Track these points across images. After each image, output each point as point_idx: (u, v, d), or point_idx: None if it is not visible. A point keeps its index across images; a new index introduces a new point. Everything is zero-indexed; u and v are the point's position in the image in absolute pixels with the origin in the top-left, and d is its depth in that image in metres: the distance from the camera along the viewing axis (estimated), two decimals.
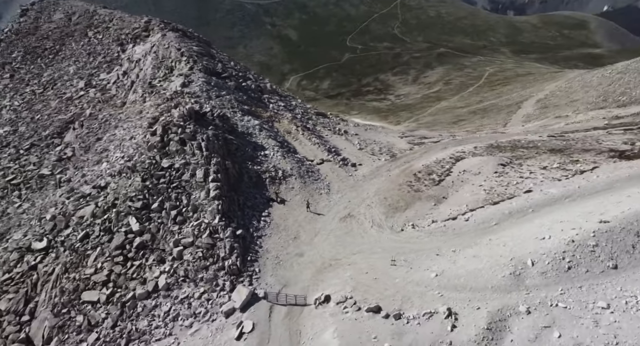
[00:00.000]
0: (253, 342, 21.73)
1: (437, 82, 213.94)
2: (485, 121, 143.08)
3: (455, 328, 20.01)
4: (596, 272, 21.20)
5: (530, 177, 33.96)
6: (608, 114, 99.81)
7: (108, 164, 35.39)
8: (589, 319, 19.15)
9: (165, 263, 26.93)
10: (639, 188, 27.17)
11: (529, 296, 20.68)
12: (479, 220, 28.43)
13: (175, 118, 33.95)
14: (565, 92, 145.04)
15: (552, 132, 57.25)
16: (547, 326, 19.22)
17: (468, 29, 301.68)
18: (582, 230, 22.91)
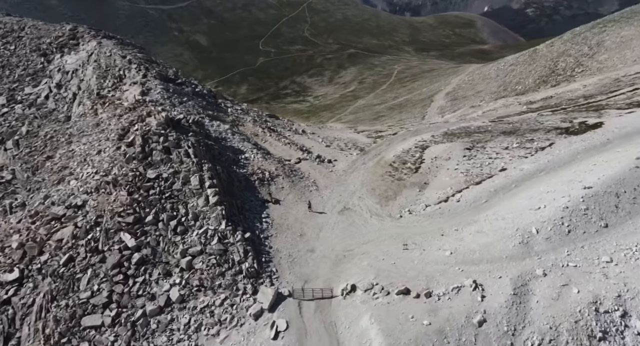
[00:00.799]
0: (291, 339, 21.52)
1: (352, 81, 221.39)
2: (403, 115, 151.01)
3: (485, 298, 21.30)
4: (592, 232, 23.62)
5: (498, 157, 36.63)
6: (518, 100, 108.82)
7: (78, 182, 32.74)
8: (598, 273, 21.34)
9: (173, 276, 25.67)
10: (600, 157, 30.50)
11: (541, 261, 22.55)
12: (469, 200, 30.26)
13: (154, 127, 32.29)
14: (469, 84, 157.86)
15: (492, 118, 61.72)
16: (565, 285, 21.13)
17: (374, 30, 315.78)
18: (571, 197, 25.36)
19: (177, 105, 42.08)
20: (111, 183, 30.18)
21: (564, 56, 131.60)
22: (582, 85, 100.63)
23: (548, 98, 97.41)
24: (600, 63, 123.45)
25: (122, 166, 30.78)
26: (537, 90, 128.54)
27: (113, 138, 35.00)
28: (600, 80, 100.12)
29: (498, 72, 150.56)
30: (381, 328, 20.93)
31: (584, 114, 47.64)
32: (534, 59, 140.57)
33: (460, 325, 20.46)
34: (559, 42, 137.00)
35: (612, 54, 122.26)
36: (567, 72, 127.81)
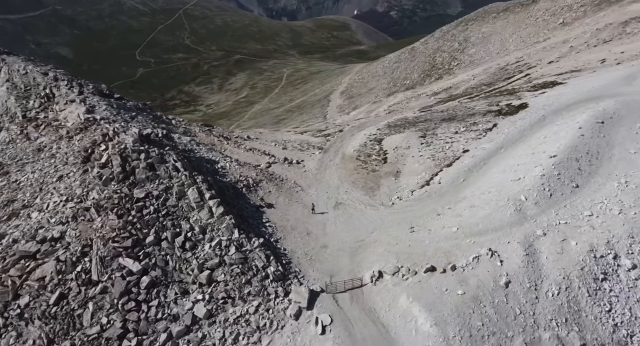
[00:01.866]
0: (339, 331, 21.76)
1: (243, 87, 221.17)
2: (305, 116, 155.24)
3: (503, 262, 23.53)
4: (568, 193, 27.15)
5: (454, 141, 39.92)
6: (419, 93, 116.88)
7: (44, 213, 29.24)
8: (586, 226, 24.71)
9: (192, 293, 24.37)
10: (546, 131, 34.91)
11: (537, 223, 25.44)
12: (449, 180, 32.75)
13: (130, 145, 29.97)
14: (360, 82, 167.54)
15: (421, 108, 66.31)
16: (564, 240, 24.15)
17: (256, 35, 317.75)
18: (543, 165, 28.84)
19: (131, 121, 39.25)
20: (92, 209, 27.57)
21: (439, 52, 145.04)
22: (471, 76, 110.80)
23: (448, 89, 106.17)
24: (470, 56, 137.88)
25: (102, 189, 28.23)
26: (423, 83, 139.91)
27: (74, 162, 31.82)
28: (485, 70, 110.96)
29: (385, 69, 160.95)
30: (422, 304, 22.12)
31: (502, 98, 53.42)
32: (414, 55, 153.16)
33: (491, 289, 22.41)
34: (432, 40, 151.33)
35: (478, 48, 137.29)
36: (446, 66, 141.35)
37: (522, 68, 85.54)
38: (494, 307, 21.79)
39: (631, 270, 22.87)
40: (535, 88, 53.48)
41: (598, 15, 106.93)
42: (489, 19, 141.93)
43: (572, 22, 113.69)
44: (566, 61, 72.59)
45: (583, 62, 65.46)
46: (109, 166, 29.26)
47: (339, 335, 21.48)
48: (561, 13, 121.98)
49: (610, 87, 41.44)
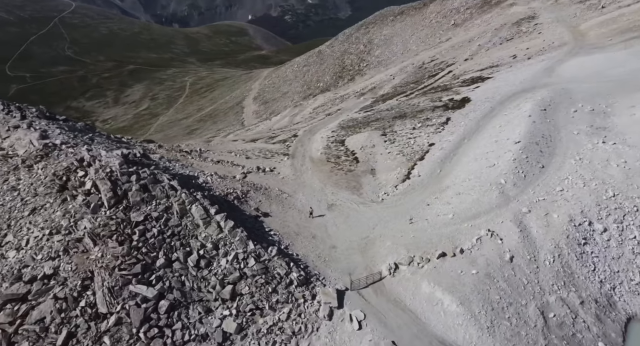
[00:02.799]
0: (375, 324, 22.46)
1: (143, 99, 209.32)
2: (220, 125, 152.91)
3: (503, 240, 25.86)
4: (537, 173, 30.39)
5: (416, 136, 42.37)
6: (344, 94, 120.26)
7: (26, 250, 26.30)
8: (561, 199, 27.90)
9: (216, 310, 23.61)
10: (499, 121, 38.49)
11: (520, 202, 28.22)
12: (428, 173, 34.84)
13: (117, 168, 27.94)
14: (272, 87, 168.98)
15: (362, 109, 68.80)
16: (547, 214, 27.11)
17: (149, 43, 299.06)
18: (511, 151, 31.94)
19: (92, 143, 36.34)
20: (86, 239, 25.46)
21: (347, 54, 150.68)
22: (390, 75, 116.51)
23: (373, 89, 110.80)
24: (377, 57, 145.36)
25: (95, 217, 26.14)
26: (337, 84, 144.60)
27: (47, 192, 28.95)
28: (402, 69, 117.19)
29: (295, 73, 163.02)
30: (444, 288, 23.62)
31: (440, 94, 57.46)
32: (322, 59, 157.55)
33: (499, 265, 24.56)
34: (338, 43, 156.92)
35: (383, 49, 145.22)
36: (355, 67, 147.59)
37: (442, 66, 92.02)
38: (505, 281, 23.91)
39: (603, 233, 26.34)
40: (467, 84, 58.20)
41: (484, 16, 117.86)
42: (387, 21, 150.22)
43: (463, 23, 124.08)
44: (480, 58, 79.52)
45: (497, 58, 72.30)
46: (95, 192, 27.14)
47: (375, 328, 22.20)
48: (451, 15, 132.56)
49: (536, 79, 46.60)
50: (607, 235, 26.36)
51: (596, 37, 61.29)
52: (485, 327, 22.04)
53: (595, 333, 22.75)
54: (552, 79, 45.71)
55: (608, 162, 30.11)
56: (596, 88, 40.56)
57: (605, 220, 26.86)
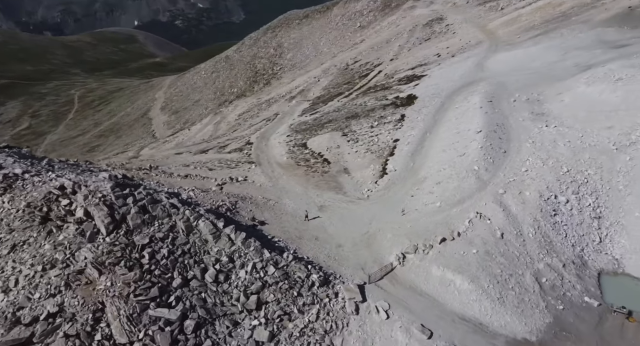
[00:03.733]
0: (400, 311, 23.48)
1: (21, 117, 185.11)
2: (127, 139, 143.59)
3: (490, 220, 28.35)
4: (502, 157, 33.58)
5: (378, 134, 44.25)
6: (269, 98, 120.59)
7: (17, 291, 23.52)
8: (528, 179, 31.14)
9: (244, 321, 23.15)
10: (453, 113, 41.64)
11: (495, 184, 31.03)
12: (402, 167, 36.70)
13: (110, 192, 25.84)
14: (180, 96, 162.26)
15: (308, 111, 69.68)
16: (520, 192, 30.16)
17: (19, 54, 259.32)
18: (476, 140, 34.87)
19: (55, 170, 33.07)
20: (88, 269, 23.52)
21: (257, 58, 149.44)
22: (314, 77, 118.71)
23: (302, 91, 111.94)
24: (290, 60, 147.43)
25: (96, 245, 24.15)
26: (253, 89, 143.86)
27: (27, 226, 26.07)
28: (325, 71, 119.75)
29: (204, 80, 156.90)
30: (452, 270, 25.44)
31: (383, 93, 60.31)
32: (232, 64, 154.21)
33: (494, 243, 26.96)
34: (245, 48, 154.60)
35: (294, 52, 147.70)
36: (269, 71, 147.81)
37: (369, 66, 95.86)
38: (502, 255, 26.33)
39: (566, 204, 29.98)
40: (405, 82, 61.68)
41: (389, 19, 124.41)
42: (294, 25, 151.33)
43: (368, 25, 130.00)
44: (405, 58, 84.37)
45: (422, 57, 77.33)
46: (88, 220, 25.03)
47: (402, 314, 23.30)
48: (355, 17, 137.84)
49: (472, 74, 50.96)
50: (569, 206, 30.02)
51: (506, 35, 68.20)
52: (496, 299, 24.16)
53: (580, 290, 25.94)
54: (485, 73, 50.29)
55: (556, 143, 34.15)
56: (524, 80, 45.46)
57: (565, 192, 30.56)
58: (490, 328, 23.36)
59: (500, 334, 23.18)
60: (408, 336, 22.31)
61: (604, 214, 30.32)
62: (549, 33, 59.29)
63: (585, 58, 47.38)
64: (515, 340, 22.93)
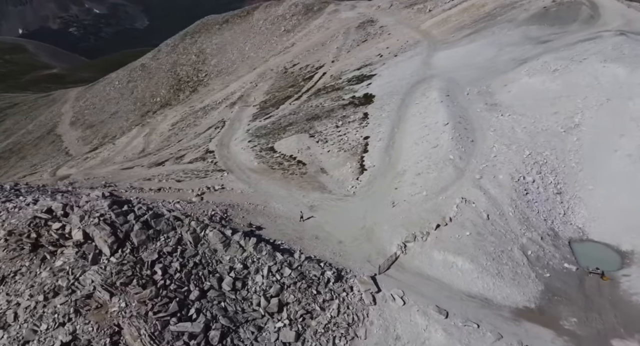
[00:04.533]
0: (414, 297, 24.36)
1: None
2: (34, 159, 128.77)
3: (475, 203, 30.45)
4: (471, 146, 36.07)
5: (345, 133, 45.29)
6: (205, 106, 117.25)
7: (21, 325, 21.29)
8: (498, 163, 33.83)
9: (267, 325, 22.95)
10: (417, 108, 43.82)
11: (471, 171, 33.31)
12: (379, 162, 37.98)
13: (108, 210, 24.12)
14: (93, 109, 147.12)
15: (261, 116, 69.12)
16: (494, 176, 32.69)
17: None
18: (446, 131, 37.09)
19: (24, 194, 30.16)
20: (98, 292, 22.04)
21: (179, 66, 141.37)
22: (250, 82, 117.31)
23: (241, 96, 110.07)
24: (215, 66, 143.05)
25: (102, 267, 22.58)
26: (178, 98, 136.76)
27: (16, 255, 23.73)
28: (261, 75, 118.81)
29: (120, 91, 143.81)
30: (452, 252, 27.08)
31: (337, 93, 61.63)
32: (150, 73, 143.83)
33: (482, 224, 29.05)
34: (163, 55, 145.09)
35: (219, 58, 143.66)
36: (194, 78, 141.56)
37: (310, 69, 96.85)
38: (492, 235, 28.47)
39: (533, 183, 33.06)
40: (355, 82, 63.49)
41: (314, 22, 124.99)
42: (214, 30, 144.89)
43: (293, 29, 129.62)
44: (347, 59, 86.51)
45: (364, 57, 79.86)
46: (88, 242, 23.34)
47: (417, 299, 24.41)
48: (279, 22, 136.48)
49: (422, 72, 53.87)
50: (536, 184, 33.11)
51: (440, 35, 72.71)
52: (495, 274, 26.13)
53: (559, 258, 28.78)
54: (433, 70, 53.40)
55: (514, 129, 37.38)
56: (471, 75, 49.00)
57: (531, 172, 33.66)
58: (495, 301, 25.22)
59: (504, 305, 25.12)
60: (427, 319, 23.43)
61: (563, 189, 33.77)
62: (480, 31, 64.19)
63: (519, 53, 52.04)
64: (518, 309, 24.98)
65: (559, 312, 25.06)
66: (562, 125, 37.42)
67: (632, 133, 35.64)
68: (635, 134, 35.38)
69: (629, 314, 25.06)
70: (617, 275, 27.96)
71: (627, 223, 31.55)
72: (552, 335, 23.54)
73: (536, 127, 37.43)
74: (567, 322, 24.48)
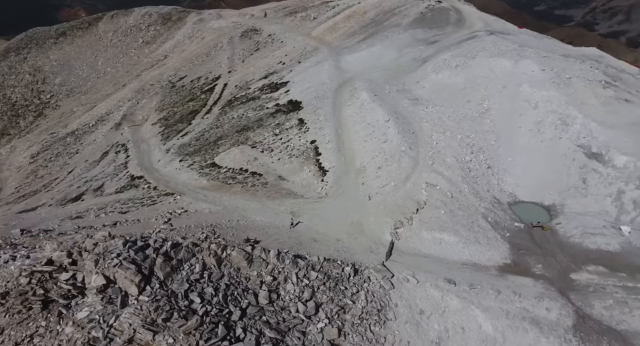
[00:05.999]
0: (423, 274, 26.98)
1: None
2: None
3: (438, 185, 34.58)
4: (414, 137, 40.33)
5: (288, 140, 46.33)
6: (75, 129, 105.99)
7: None
8: (442, 148, 38.66)
9: (309, 328, 23.63)
10: (352, 109, 46.98)
11: (423, 157, 37.52)
12: (336, 163, 39.74)
13: (122, 247, 21.71)
14: None
15: (174, 134, 65.70)
16: (443, 160, 37.38)
17: None
18: (390, 127, 40.79)
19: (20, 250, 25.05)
20: (139, 333, 20.34)
21: (7, 88, 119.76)
22: (128, 100, 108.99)
23: (125, 116, 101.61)
24: (62, 85, 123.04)
25: (138, 306, 20.66)
26: (17, 125, 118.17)
27: (23, 318, 20.29)
28: (139, 92, 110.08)
29: None
30: (437, 230, 30.65)
31: (256, 103, 61.97)
32: None
33: (450, 202, 33.28)
34: None
35: (65, 75, 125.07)
36: (35, 100, 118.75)
37: (204, 81, 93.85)
38: (459, 209, 32.86)
39: (471, 162, 38.59)
40: (270, 90, 64.43)
41: (179, 32, 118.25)
42: (47, 45, 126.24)
43: (154, 40, 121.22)
44: (246, 69, 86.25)
45: (265, 66, 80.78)
46: (111, 284, 21.14)
47: (426, 276, 27.24)
48: (134, 33, 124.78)
49: (337, 75, 57.37)
50: (473, 163, 38.76)
51: (336, 40, 77.56)
52: (475, 242, 30.42)
53: (509, 219, 34.45)
54: (348, 73, 57.33)
55: (441, 119, 42.91)
56: (384, 75, 54.14)
57: (467, 153, 39.26)
58: (482, 264, 29.43)
59: (489, 266, 29.45)
60: (440, 290, 26.43)
61: (492, 164, 40.03)
62: (374, 36, 70.43)
63: (417, 53, 58.93)
64: (500, 266, 29.52)
65: (528, 262, 30.28)
66: (475, 111, 44.05)
67: (527, 112, 43.65)
68: (530, 113, 43.46)
69: (572, 253, 31.43)
70: (552, 225, 34.55)
71: (542, 184, 38.89)
72: (531, 281, 28.46)
73: (458, 115, 43.44)
74: (536, 269, 29.78)
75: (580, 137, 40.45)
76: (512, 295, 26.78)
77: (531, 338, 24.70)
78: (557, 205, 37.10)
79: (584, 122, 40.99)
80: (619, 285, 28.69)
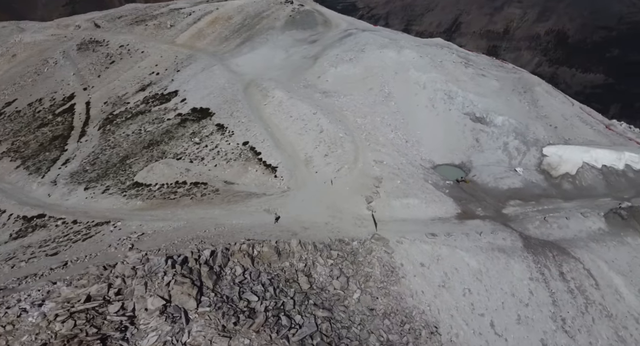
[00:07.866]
0: (409, 234, 31.31)
1: None
2: None
3: (384, 161, 39.06)
4: (343, 122, 44.23)
5: (215, 145, 45.43)
6: None
7: None
8: (378, 131, 43.46)
9: (347, 300, 25.48)
10: (269, 108, 48.41)
11: (359, 138, 41.62)
12: (280, 158, 40.62)
13: (165, 264, 19.59)
14: None
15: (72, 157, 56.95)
16: (376, 139, 42.16)
17: None
18: (320, 118, 43.73)
19: (20, 289, 19.26)
20: (215, 343, 19.65)
21: None
22: None
23: None
24: None
25: (209, 318, 19.55)
26: None
27: None
28: None
29: None
30: (401, 196, 35.05)
31: (149, 116, 58.09)
32: None
33: (399, 172, 38.04)
34: None
35: None
36: None
37: (53, 102, 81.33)
38: (410, 177, 37.94)
39: (395, 138, 44.35)
40: (161, 102, 60.85)
41: None
42: None
43: None
44: (106, 83, 78.00)
45: (138, 78, 74.37)
46: (167, 303, 19.52)
47: (412, 233, 31.32)
48: None
49: (235, 78, 57.61)
50: (397, 139, 44.53)
51: (210, 46, 76.53)
52: (432, 201, 35.80)
53: (442, 179, 40.96)
54: (247, 75, 57.92)
55: (357, 106, 47.78)
56: (282, 74, 56.75)
57: (392, 131, 44.82)
58: (445, 217, 34.91)
59: (449, 217, 35.09)
60: (429, 244, 30.78)
61: (408, 138, 46.33)
62: (253, 39, 71.98)
63: (304, 52, 62.94)
64: (456, 216, 35.44)
65: (471, 209, 36.96)
66: (380, 95, 50.12)
67: (420, 92, 51.56)
68: (422, 92, 51.43)
69: (494, 194, 39.39)
70: (471, 178, 42.36)
71: (448, 148, 46.89)
72: (481, 222, 35.03)
73: (368, 101, 48.82)
74: (479, 212, 36.62)
75: (464, 106, 49.75)
76: (476, 235, 32.74)
77: (503, 262, 30.87)
78: (465, 162, 45.29)
79: (464, 94, 50.47)
80: (534, 210, 37.37)
